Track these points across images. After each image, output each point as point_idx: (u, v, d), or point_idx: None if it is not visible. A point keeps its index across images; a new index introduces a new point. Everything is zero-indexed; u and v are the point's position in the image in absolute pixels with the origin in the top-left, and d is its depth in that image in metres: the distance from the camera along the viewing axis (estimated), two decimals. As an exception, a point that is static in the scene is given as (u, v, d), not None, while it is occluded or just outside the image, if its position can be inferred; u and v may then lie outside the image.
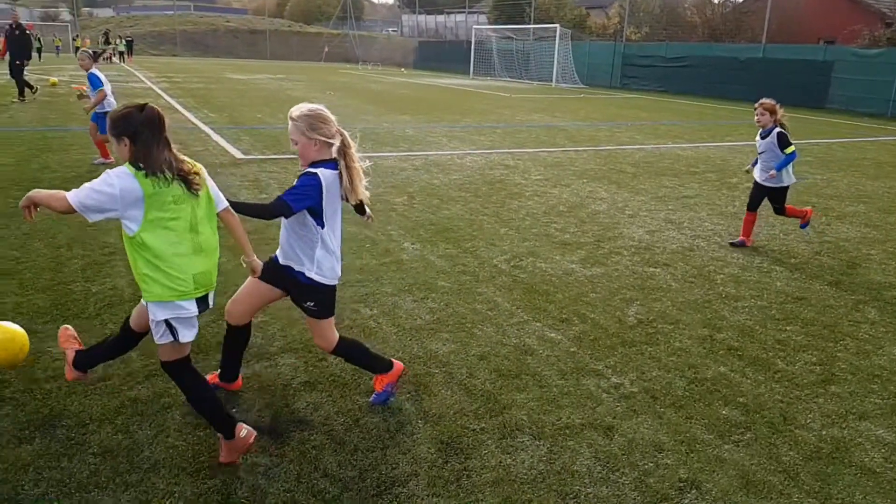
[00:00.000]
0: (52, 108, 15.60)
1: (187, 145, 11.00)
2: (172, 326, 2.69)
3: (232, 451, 2.83)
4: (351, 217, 6.73)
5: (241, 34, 71.44)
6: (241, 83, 27.59)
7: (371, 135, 13.19)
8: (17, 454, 2.84)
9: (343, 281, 5.01)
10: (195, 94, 21.07)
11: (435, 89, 29.82)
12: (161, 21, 74.12)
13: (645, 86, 34.12)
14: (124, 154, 2.58)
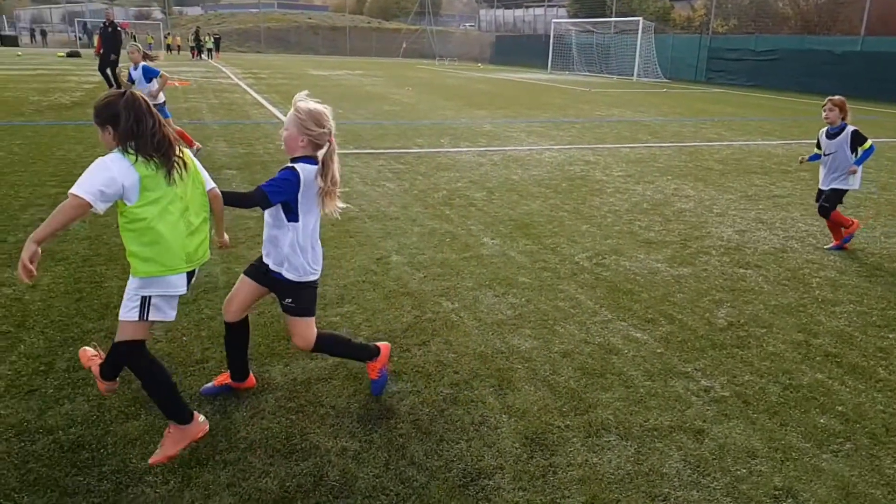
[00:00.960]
0: (148, 103, 16.39)
1: (272, 139, 11.37)
2: (147, 305, 2.71)
3: (181, 439, 2.77)
4: (430, 212, 6.85)
5: (322, 31, 73.10)
6: (322, 79, 28.24)
7: (449, 130, 13.26)
8: (126, 429, 3.02)
9: (424, 274, 5.11)
10: (279, 89, 21.71)
11: (512, 84, 29.67)
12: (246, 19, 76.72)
13: (732, 80, 32.88)
14: (108, 141, 2.64)
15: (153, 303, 2.71)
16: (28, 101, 15.60)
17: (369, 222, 6.48)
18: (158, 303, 2.73)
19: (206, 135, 11.55)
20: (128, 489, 2.63)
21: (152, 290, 2.70)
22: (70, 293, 4.49)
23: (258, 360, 3.70)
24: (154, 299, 2.71)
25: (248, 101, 17.60)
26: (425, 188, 8.03)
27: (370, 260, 5.39)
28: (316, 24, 74.61)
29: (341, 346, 3.37)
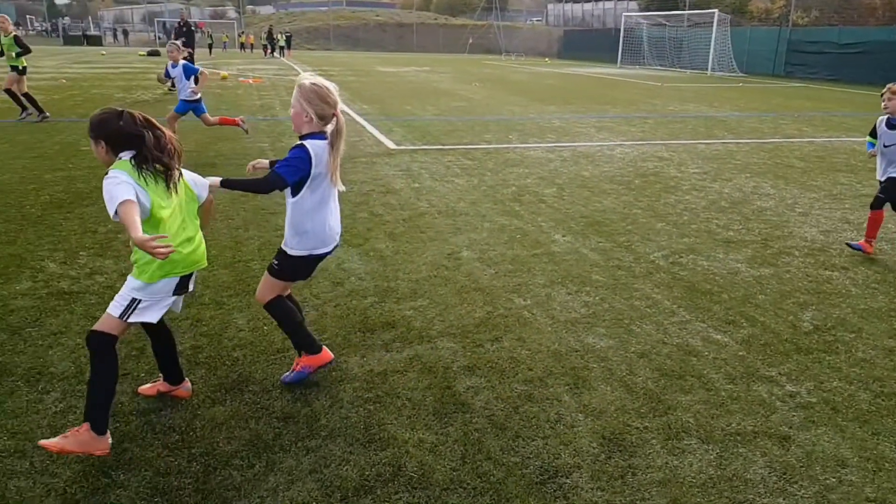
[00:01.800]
0: (223, 99, 16.95)
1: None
2: (134, 307, 2.77)
3: (84, 444, 2.67)
4: (500, 208, 6.84)
5: (390, 27, 73.86)
6: (390, 76, 28.55)
7: (517, 126, 13.19)
8: (212, 414, 3.14)
9: (495, 270, 5.10)
10: (349, 86, 22.06)
11: (581, 79, 29.26)
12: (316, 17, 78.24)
13: (812, 74, 31.48)
14: (101, 155, 2.73)
15: (140, 306, 2.78)
16: (113, 98, 16.37)
17: (439, 218, 6.52)
18: (145, 307, 2.80)
19: (279, 131, 11.86)
20: (216, 471, 2.73)
21: (145, 294, 2.78)
22: (157, 282, 4.69)
23: (335, 350, 3.77)
24: (143, 303, 2.79)
25: (319, 98, 17.93)
26: (494, 184, 8.02)
27: (441, 255, 5.43)
28: (384, 21, 75.44)
29: (290, 323, 3.36)
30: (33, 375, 3.41)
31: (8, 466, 2.72)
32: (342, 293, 4.61)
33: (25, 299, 4.33)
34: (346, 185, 7.67)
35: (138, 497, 2.57)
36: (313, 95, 3.03)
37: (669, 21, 40.15)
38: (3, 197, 6.82)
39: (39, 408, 3.14)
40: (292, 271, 3.31)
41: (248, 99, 17.14)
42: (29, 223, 5.94)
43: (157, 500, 2.56)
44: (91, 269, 4.87)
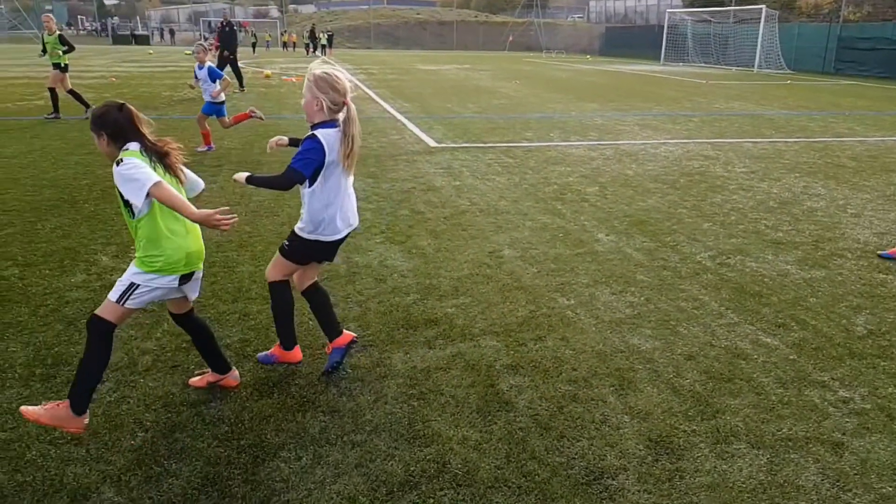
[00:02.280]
0: (267, 97, 17.22)
1: (385, 133, 11.64)
2: (131, 292, 2.82)
3: (61, 420, 2.81)
4: (541, 206, 6.80)
5: (430, 25, 74.03)
6: (430, 73, 28.61)
7: (558, 124, 13.08)
8: (260, 406, 3.19)
9: (537, 269, 5.08)
10: (389, 84, 22.20)
11: (623, 76, 28.89)
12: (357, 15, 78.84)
13: (864, 71, 30.54)
14: (103, 148, 2.81)
15: (136, 293, 2.82)
16: (160, 96, 16.76)
17: (480, 216, 6.51)
18: (141, 295, 2.84)
19: (322, 128, 11.98)
20: (264, 463, 2.78)
21: (143, 280, 2.83)
22: (206, 277, 4.77)
23: (379, 346, 3.81)
24: (139, 290, 2.82)
25: (360, 97, 18.08)
26: (536, 182, 7.98)
27: (483, 253, 5.42)
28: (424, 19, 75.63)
29: (282, 312, 3.44)
30: (89, 365, 3.51)
31: (65, 453, 2.81)
32: (385, 290, 4.64)
33: (80, 291, 4.46)
34: (387, 183, 7.74)
35: (190, 486, 2.63)
36: (323, 84, 3.08)
37: (715, 17, 39.35)
38: (58, 192, 7.04)
39: (94, 397, 3.22)
40: (302, 254, 3.36)
41: (292, 97, 17.36)
42: (83, 218, 6.12)
43: (208, 490, 2.61)
44: (142, 263, 4.99)
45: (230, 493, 2.60)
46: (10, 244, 5.37)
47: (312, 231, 3.27)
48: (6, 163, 8.45)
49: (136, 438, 2.92)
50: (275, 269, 3.41)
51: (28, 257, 5.08)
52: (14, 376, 3.39)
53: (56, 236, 5.59)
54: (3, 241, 5.45)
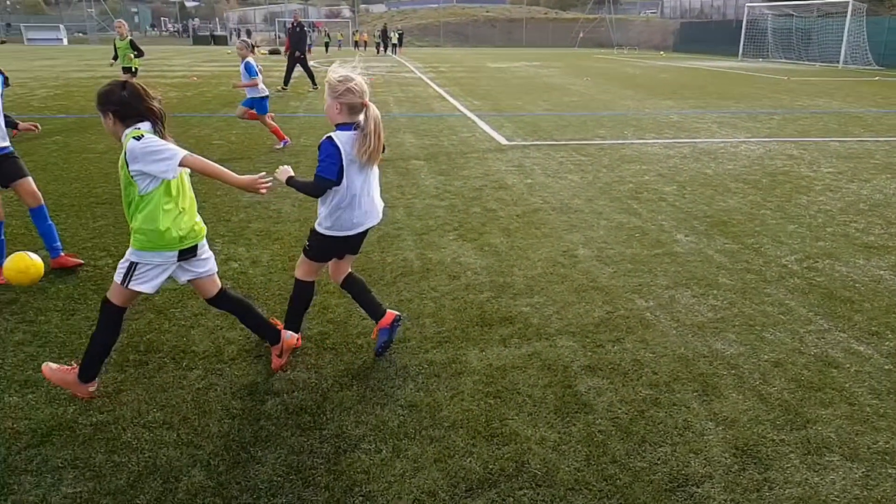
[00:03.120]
0: (340, 96, 17.51)
1: (456, 131, 11.67)
2: (132, 272, 2.95)
3: (69, 384, 3.09)
4: (617, 205, 6.67)
5: (499, 23, 73.80)
6: (499, 71, 28.52)
7: (632, 121, 12.81)
8: (340, 397, 3.25)
9: (614, 269, 4.99)
10: (459, 82, 22.25)
11: (699, 73, 28.04)
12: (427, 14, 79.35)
13: (963, 65, 28.63)
14: (109, 127, 2.89)
15: (137, 272, 2.96)
16: (241, 95, 17.27)
17: (554, 214, 6.44)
18: (142, 273, 2.97)
19: (394, 127, 12.12)
20: (346, 454, 2.83)
21: (141, 258, 2.95)
22: (286, 269, 4.92)
23: (454, 343, 3.82)
24: (140, 269, 2.95)
25: (430, 95, 18.21)
26: (610, 181, 7.84)
27: (557, 252, 5.36)
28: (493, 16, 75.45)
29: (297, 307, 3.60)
30: (178, 353, 3.67)
31: (158, 437, 2.94)
32: (459, 287, 4.65)
33: (168, 282, 4.64)
34: (459, 180, 7.73)
35: (275, 473, 2.71)
36: (341, 87, 3.21)
37: (797, 11, 37.72)
38: (147, 186, 7.37)
39: (184, 383, 3.37)
40: (324, 251, 3.50)
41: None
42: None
43: (293, 478, 2.68)
44: (226, 256, 5.17)
45: (314, 482, 2.66)
46: (103, 235, 5.66)
47: (329, 227, 3.39)
48: (98, 158, 8.90)
49: (224, 425, 3.02)
50: (301, 269, 3.58)
51: (120, 248, 5.33)
52: (109, 361, 3.56)
53: (146, 229, 5.85)
54: (97, 232, 5.75)
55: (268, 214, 6.33)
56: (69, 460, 2.76)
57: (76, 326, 3.96)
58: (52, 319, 4.05)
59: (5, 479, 2.65)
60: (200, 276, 3.20)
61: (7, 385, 3.31)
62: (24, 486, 2.61)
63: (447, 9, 78.25)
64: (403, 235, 5.76)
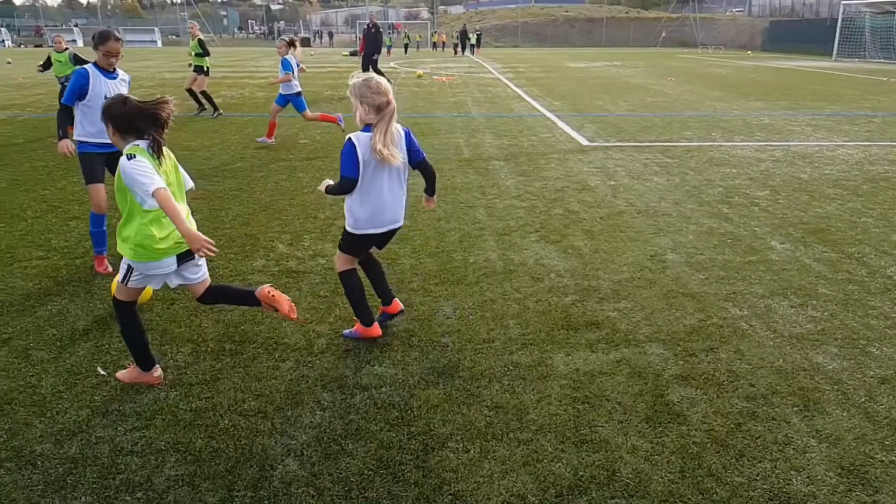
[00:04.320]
0: (419, 96, 17.71)
1: (536, 131, 11.58)
2: (129, 274, 3.11)
3: (136, 378, 3.31)
4: (706, 209, 6.45)
5: (579, 22, 72.76)
6: (579, 71, 28.13)
7: (719, 123, 12.37)
8: (427, 395, 3.27)
9: (705, 276, 4.82)
10: (537, 83, 22.07)
11: (790, 73, 26.82)
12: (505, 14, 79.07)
13: None
14: (111, 137, 3.05)
15: (135, 276, 3.13)
16: (322, 94, 17.72)
17: (639, 217, 6.29)
18: (140, 277, 3.13)
19: (473, 127, 12.13)
20: (434, 451, 2.85)
21: (136, 266, 3.10)
22: (370, 267, 5.00)
23: (539, 346, 3.78)
24: (136, 273, 3.11)
25: (509, 95, 18.14)
26: (698, 184, 7.59)
27: (644, 256, 5.23)
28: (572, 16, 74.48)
29: (354, 296, 3.74)
30: (270, 344, 3.78)
31: (253, 425, 3.04)
32: (542, 289, 4.60)
33: (260, 275, 4.81)
34: (539, 181, 7.66)
35: (365, 466, 2.75)
36: (365, 90, 3.38)
37: (901, 7, 35.51)
38: (237, 182, 7.65)
39: (277, 374, 3.46)
40: (355, 246, 3.71)
41: (443, 96, 17.73)
42: (260, 207, 6.61)
43: (383, 473, 2.71)
44: (314, 252, 5.30)
45: (403, 478, 2.68)
46: (198, 229, 5.89)
47: (353, 225, 3.58)
48: (191, 155, 9.30)
49: (315, 416, 3.09)
50: (337, 263, 3.81)
51: (214, 241, 5.55)
52: (207, 350, 3.72)
53: (237, 223, 6.08)
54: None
55: (352, 212, 6.45)
56: (171, 444, 2.89)
57: (175, 315, 4.14)
58: (154, 308, 4.25)
59: (114, 458, 2.79)
60: (192, 283, 3.33)
61: (113, 370, 3.49)
62: (130, 466, 2.75)
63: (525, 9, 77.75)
64: (485, 236, 5.75)
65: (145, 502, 2.55)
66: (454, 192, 7.23)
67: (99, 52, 4.73)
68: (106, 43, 4.69)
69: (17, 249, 5.36)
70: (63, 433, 2.96)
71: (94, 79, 4.72)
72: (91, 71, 4.73)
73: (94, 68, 4.75)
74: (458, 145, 10.20)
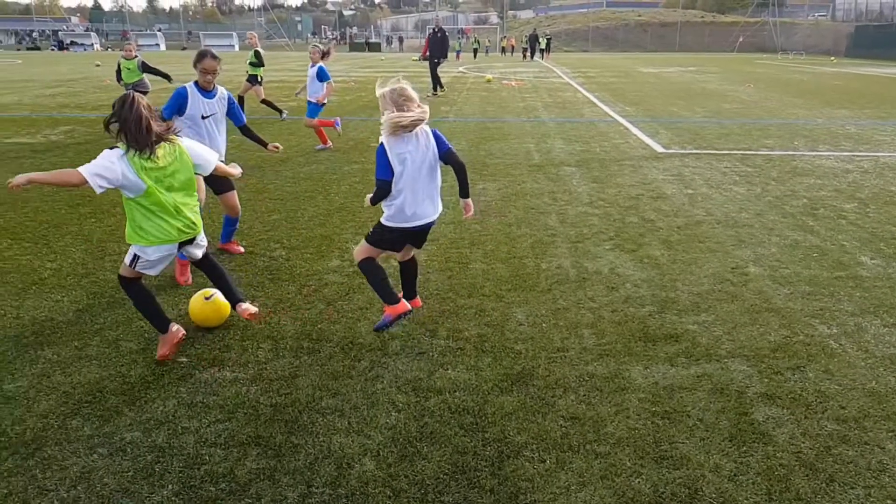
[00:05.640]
0: (489, 101, 17.70)
1: (608, 137, 11.40)
2: (136, 259, 3.48)
3: (166, 343, 3.61)
4: (790, 221, 6.19)
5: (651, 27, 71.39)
6: (651, 76, 27.57)
7: (802, 131, 11.88)
8: (501, 402, 3.25)
9: (790, 291, 4.63)
10: (609, 88, 21.74)
11: (878, 80, 25.54)
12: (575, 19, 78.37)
13: None
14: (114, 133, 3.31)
15: (140, 261, 3.50)
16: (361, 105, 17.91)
17: (719, 228, 6.10)
18: (145, 262, 3.50)
19: (543, 132, 12.05)
20: (509, 459, 2.82)
21: (141, 252, 3.48)
22: (442, 270, 5.02)
23: (616, 357, 3.70)
24: (141, 259, 3.49)
25: (580, 100, 17.93)
26: (780, 195, 7.30)
27: (724, 268, 5.06)
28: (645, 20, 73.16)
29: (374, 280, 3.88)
30: (346, 344, 3.84)
31: (331, 423, 3.08)
32: (618, 299, 4.52)
33: (336, 275, 4.90)
34: (612, 188, 7.53)
35: (440, 471, 2.75)
36: (397, 97, 3.59)
37: None
38: (313, 184, 7.82)
39: (353, 373, 3.51)
40: (381, 239, 3.86)
41: (512, 101, 17.68)
42: (334, 209, 6.73)
43: (458, 478, 2.71)
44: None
45: (479, 485, 2.67)
46: (277, 228, 6.07)
47: (388, 218, 3.78)
48: (268, 157, 9.56)
49: (391, 417, 3.12)
50: (357, 252, 3.96)
51: (292, 241, 5.70)
52: (286, 347, 3.81)
53: (313, 224, 6.21)
54: (271, 225, 6.18)
55: (424, 215, 6.49)
56: (252, 437, 2.97)
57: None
58: (235, 304, 4.38)
59: (198, 449, 2.89)
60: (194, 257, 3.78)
61: (198, 362, 3.62)
62: (214, 457, 2.84)
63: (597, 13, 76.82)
64: (557, 242, 5.69)
65: (228, 493, 2.62)
66: (525, 198, 7.18)
67: (197, 69, 4.93)
68: (202, 60, 4.90)
69: (107, 244, 5.62)
70: (151, 422, 3.08)
71: (191, 98, 4.94)
72: (190, 90, 4.95)
73: (193, 87, 4.97)
74: (528, 150, 10.15)
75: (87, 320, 4.14)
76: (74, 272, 4.94)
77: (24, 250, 5.46)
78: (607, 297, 4.55)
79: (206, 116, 4.98)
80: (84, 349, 3.76)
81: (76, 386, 3.37)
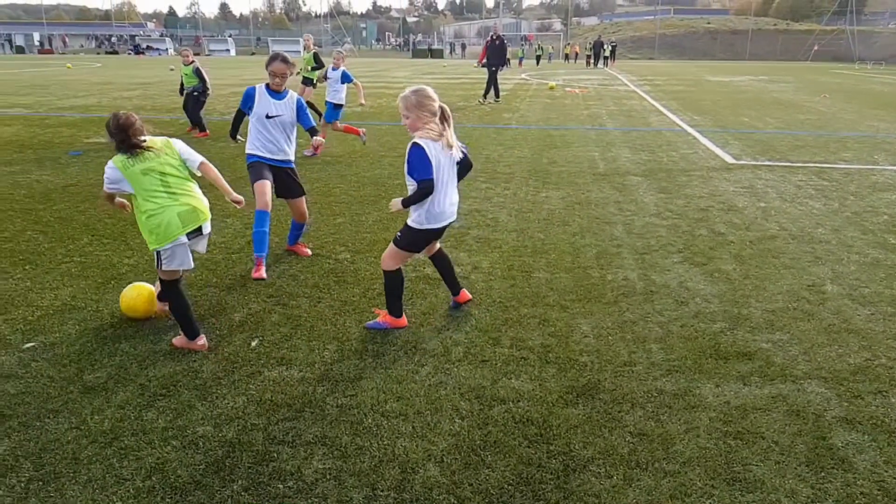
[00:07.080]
0: (552, 108, 17.58)
1: (676, 147, 11.15)
2: (159, 259, 3.67)
3: (186, 345, 3.81)
4: (870, 238, 5.92)
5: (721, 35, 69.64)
6: (721, 85, 26.86)
7: (883, 145, 11.35)
8: (567, 414, 3.20)
9: (871, 311, 4.43)
10: (677, 96, 21.28)
11: (965, 92, 24.20)
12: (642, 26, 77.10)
13: None
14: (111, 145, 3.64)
15: (163, 259, 3.66)
16: (455, 106, 18.02)
17: (793, 243, 5.87)
18: (168, 259, 3.66)
19: (607, 140, 11.88)
20: (575, 473, 2.77)
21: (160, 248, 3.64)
22: (505, 278, 4.99)
23: (686, 374, 3.60)
24: (162, 256, 3.65)
25: (646, 108, 17.62)
26: (860, 210, 6.99)
27: (800, 286, 4.87)
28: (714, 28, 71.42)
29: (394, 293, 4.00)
30: (409, 349, 3.85)
31: (395, 426, 3.10)
32: (687, 314, 4.40)
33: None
34: (681, 199, 7.35)
35: (504, 481, 2.72)
36: (422, 99, 3.69)
37: None
38: (376, 189, 7.92)
39: (416, 378, 3.52)
40: (412, 242, 3.94)
41: (576, 109, 17.51)
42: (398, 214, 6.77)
43: (523, 489, 2.68)
44: (451, 260, 5.37)
45: (544, 497, 2.63)
46: (341, 231, 6.16)
47: (418, 220, 3.85)
48: (334, 160, 9.74)
49: (455, 424, 3.11)
50: (389, 260, 3.98)
51: (356, 244, 5.78)
52: (351, 349, 3.85)
53: (377, 228, 6.28)
54: (336, 228, 6.27)
55: (486, 223, 6.48)
56: (319, 437, 3.01)
57: (322, 313, 4.33)
58: (302, 305, 4.46)
59: (267, 446, 2.95)
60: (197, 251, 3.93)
61: (266, 360, 3.70)
62: (282, 455, 2.89)
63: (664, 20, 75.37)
64: (623, 253, 5.59)
65: (296, 492, 2.66)
66: (590, 207, 7.09)
67: (268, 71, 5.07)
68: (272, 63, 5.04)
69: (181, 242, 5.82)
70: (222, 417, 3.16)
71: (258, 98, 5.08)
72: (258, 90, 5.10)
73: (262, 88, 5.12)
74: (592, 159, 10.02)
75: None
76: (150, 268, 5.13)
77: (103, 246, 5.70)
78: (676, 311, 4.43)
79: (272, 116, 5.09)
80: (158, 343, 3.89)
81: (151, 379, 3.50)
